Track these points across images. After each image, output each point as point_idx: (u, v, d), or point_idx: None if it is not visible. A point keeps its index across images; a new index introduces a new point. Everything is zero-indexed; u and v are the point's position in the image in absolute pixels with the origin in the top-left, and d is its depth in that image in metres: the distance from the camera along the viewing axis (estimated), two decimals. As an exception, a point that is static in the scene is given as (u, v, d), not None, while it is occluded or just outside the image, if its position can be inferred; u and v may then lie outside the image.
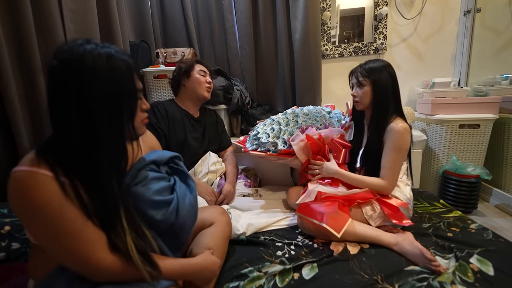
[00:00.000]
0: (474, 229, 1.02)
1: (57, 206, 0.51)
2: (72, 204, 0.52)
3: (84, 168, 0.54)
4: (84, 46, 0.53)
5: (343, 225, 0.94)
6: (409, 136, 1.06)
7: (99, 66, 0.52)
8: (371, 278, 0.79)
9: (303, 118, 1.39)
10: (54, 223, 0.51)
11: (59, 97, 0.52)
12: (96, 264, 0.54)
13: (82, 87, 0.51)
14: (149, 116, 1.25)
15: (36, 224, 0.52)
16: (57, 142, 0.55)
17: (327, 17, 2.05)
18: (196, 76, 1.37)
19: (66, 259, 0.55)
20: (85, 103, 0.52)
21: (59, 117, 0.53)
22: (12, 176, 0.51)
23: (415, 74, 2.11)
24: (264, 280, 0.81)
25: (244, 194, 1.40)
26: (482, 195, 1.85)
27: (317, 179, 1.17)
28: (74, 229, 0.52)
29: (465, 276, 0.78)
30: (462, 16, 2.01)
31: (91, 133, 0.53)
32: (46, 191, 0.50)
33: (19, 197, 0.51)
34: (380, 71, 1.08)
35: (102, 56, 0.53)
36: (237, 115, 1.90)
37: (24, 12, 1.06)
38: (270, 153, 1.28)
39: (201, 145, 1.42)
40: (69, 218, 0.52)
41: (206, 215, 0.92)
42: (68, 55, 0.52)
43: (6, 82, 1.02)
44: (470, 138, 1.71)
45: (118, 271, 0.56)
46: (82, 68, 0.51)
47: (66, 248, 0.53)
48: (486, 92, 1.88)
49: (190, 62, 1.40)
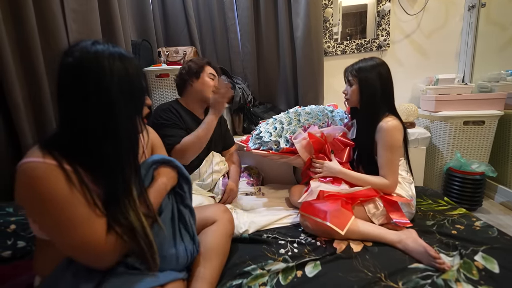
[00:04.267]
0: (479, 227, 1.01)
1: (65, 193, 0.53)
2: (78, 191, 0.55)
3: (96, 158, 0.58)
4: (96, 46, 0.57)
5: (346, 222, 0.94)
6: (400, 133, 1.05)
7: (115, 64, 0.57)
8: (374, 275, 0.79)
9: (306, 117, 1.39)
10: (62, 209, 0.53)
11: (76, 93, 0.55)
12: (102, 248, 0.56)
13: (101, 83, 0.55)
14: (165, 118, 1.26)
15: (45, 212, 0.53)
16: (65, 136, 0.58)
17: (329, 14, 2.04)
18: (206, 79, 1.34)
19: (71, 245, 0.55)
20: (104, 97, 0.56)
21: (74, 111, 0.56)
22: (19, 169, 0.53)
23: (418, 71, 2.09)
24: (267, 278, 0.82)
25: (247, 192, 1.40)
26: (487, 193, 1.84)
27: (319, 177, 1.17)
28: (82, 214, 0.55)
29: (470, 273, 0.78)
30: (467, 11, 1.98)
31: (111, 124, 0.57)
32: (54, 179, 0.53)
33: (28, 188, 0.53)
34: (368, 71, 1.09)
35: (115, 55, 0.58)
36: (239, 113, 1.90)
37: (27, 13, 1.07)
38: (273, 151, 1.28)
39: (206, 146, 1.42)
40: (76, 203, 0.54)
41: (208, 213, 0.92)
42: (83, 53, 0.56)
43: (10, 83, 1.03)
44: (474, 135, 1.69)
45: (120, 250, 0.58)
46: (100, 66, 0.55)
47: (72, 234, 0.54)
48: (491, 88, 1.86)
49: (201, 63, 1.37)
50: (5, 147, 1.07)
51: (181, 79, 1.38)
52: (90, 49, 0.56)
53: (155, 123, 1.23)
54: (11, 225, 0.91)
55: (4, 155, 1.07)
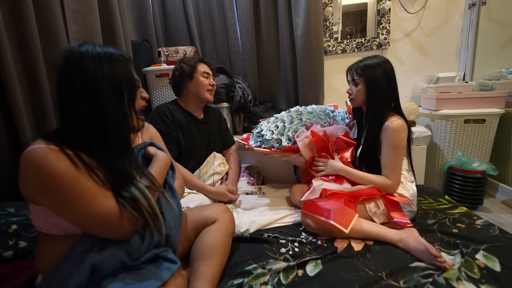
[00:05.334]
0: (480, 225, 1.01)
1: (71, 171, 0.57)
2: (82, 170, 0.59)
3: (93, 145, 0.62)
4: (83, 45, 0.63)
5: (350, 221, 0.94)
6: (405, 132, 1.05)
7: (99, 57, 0.62)
8: (375, 274, 0.79)
9: (307, 116, 1.39)
10: (70, 184, 0.56)
11: (67, 87, 0.61)
12: (116, 217, 0.58)
13: (85, 74, 0.60)
14: (158, 122, 1.26)
15: (54, 190, 0.56)
16: (66, 128, 0.63)
17: (329, 13, 2.04)
18: (199, 79, 1.32)
19: (86, 217, 0.58)
20: (90, 87, 0.60)
21: (68, 104, 0.62)
22: (22, 158, 0.56)
23: (419, 69, 2.09)
24: (268, 277, 0.82)
25: (247, 192, 1.40)
26: (488, 191, 1.83)
27: (321, 175, 1.17)
28: (90, 187, 0.58)
29: (471, 272, 0.78)
30: (467, 9, 1.98)
31: (99, 112, 0.61)
32: (58, 159, 0.57)
33: (34, 170, 0.55)
34: (373, 69, 1.07)
35: (100, 49, 0.63)
36: (239, 113, 1.90)
37: (27, 13, 1.07)
38: (275, 149, 1.27)
39: (206, 146, 1.42)
40: (82, 179, 0.58)
41: (209, 212, 0.92)
42: (70, 53, 0.62)
43: (11, 84, 1.03)
44: (475, 133, 1.69)
45: (132, 220, 0.60)
46: (83, 60, 0.61)
47: (84, 206, 0.57)
48: (491, 86, 1.85)
49: (193, 63, 1.33)
50: (5, 147, 1.08)
51: (175, 82, 1.36)
52: (77, 47, 0.62)
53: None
54: (12, 225, 0.92)
55: (5, 155, 1.07)
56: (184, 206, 1.09)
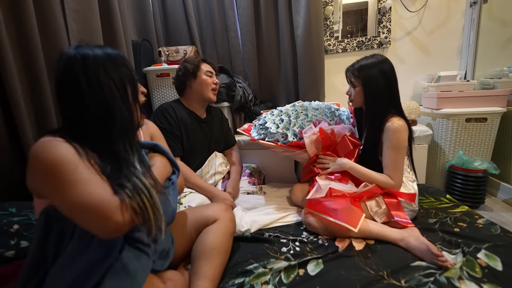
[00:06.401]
0: (482, 224, 1.00)
1: (75, 158, 0.58)
2: (85, 158, 0.60)
3: (98, 138, 0.64)
4: (80, 47, 0.64)
5: (358, 220, 0.94)
6: (406, 133, 1.04)
7: (100, 57, 0.63)
8: (377, 273, 0.79)
9: (313, 112, 1.38)
10: (72, 170, 0.57)
11: (71, 90, 0.62)
12: (112, 207, 0.56)
13: (90, 75, 0.62)
14: (162, 121, 1.26)
15: (57, 175, 0.56)
16: (70, 126, 0.64)
17: (329, 11, 2.03)
18: (203, 77, 1.33)
19: (81, 204, 0.56)
20: (96, 88, 0.62)
21: (73, 106, 0.63)
22: (30, 150, 0.58)
23: (420, 68, 2.08)
24: (269, 277, 0.82)
25: (248, 191, 1.40)
26: (490, 190, 1.83)
27: (326, 173, 1.16)
28: (91, 175, 0.58)
29: (473, 271, 0.78)
30: (468, 8, 1.97)
31: (106, 108, 0.63)
32: (62, 147, 0.59)
33: (39, 158, 0.57)
34: (370, 70, 1.05)
35: (98, 50, 0.65)
36: (240, 112, 1.90)
37: (27, 13, 1.07)
38: (280, 144, 1.26)
39: (208, 146, 1.42)
40: (84, 167, 0.59)
41: (210, 212, 0.92)
42: (70, 56, 0.63)
43: (11, 84, 1.03)
44: (477, 132, 1.68)
45: (129, 213, 0.58)
46: (86, 61, 0.62)
47: (82, 191, 0.56)
48: (493, 85, 1.85)
49: (197, 61, 1.35)
50: (6, 147, 1.08)
51: (179, 81, 1.36)
52: (75, 49, 0.64)
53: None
54: (14, 225, 0.92)
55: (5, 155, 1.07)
56: (186, 205, 1.10)
